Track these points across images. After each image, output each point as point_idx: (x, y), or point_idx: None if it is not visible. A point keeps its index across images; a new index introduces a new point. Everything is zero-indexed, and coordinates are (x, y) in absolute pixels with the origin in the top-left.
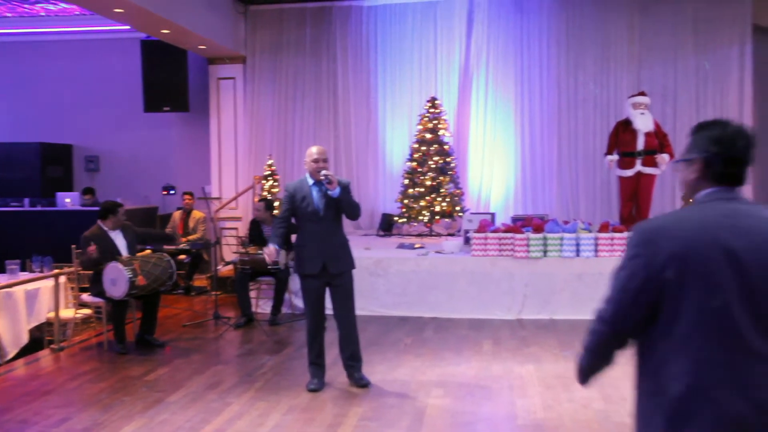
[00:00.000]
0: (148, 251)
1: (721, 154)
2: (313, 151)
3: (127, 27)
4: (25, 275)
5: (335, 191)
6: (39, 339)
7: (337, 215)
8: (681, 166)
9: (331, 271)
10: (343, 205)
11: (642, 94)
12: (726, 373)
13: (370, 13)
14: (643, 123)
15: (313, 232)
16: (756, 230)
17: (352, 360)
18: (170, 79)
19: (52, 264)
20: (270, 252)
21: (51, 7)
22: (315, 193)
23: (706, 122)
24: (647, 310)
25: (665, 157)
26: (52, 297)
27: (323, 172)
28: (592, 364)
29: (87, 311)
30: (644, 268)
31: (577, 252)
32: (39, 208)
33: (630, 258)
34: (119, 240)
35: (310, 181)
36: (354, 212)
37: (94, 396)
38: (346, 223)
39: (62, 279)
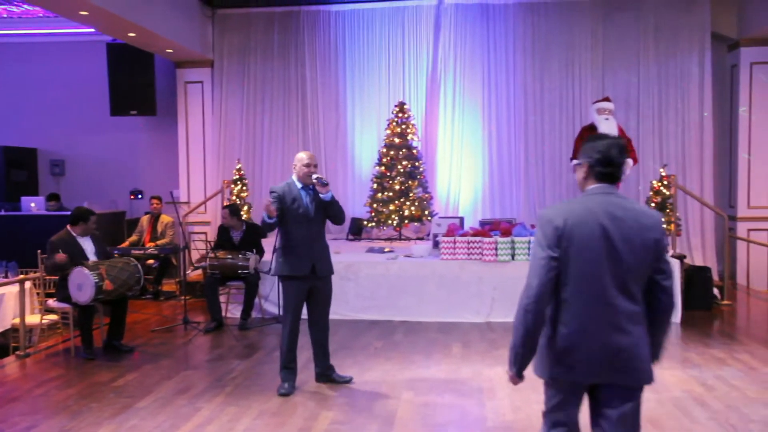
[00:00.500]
0: (116, 256)
1: (601, 160)
2: (304, 156)
3: (93, 30)
4: None
5: (327, 195)
6: (4, 345)
7: (324, 219)
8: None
9: (319, 274)
10: (334, 208)
11: (606, 99)
12: (596, 321)
13: (338, 17)
14: (608, 128)
15: (302, 234)
16: (623, 217)
17: (329, 363)
18: (137, 83)
19: (17, 269)
20: (268, 203)
21: (14, 9)
22: (305, 196)
23: (592, 136)
24: (555, 283)
25: (629, 161)
26: (17, 303)
27: (315, 175)
28: (531, 325)
29: (53, 317)
30: (553, 240)
31: None
32: (3, 213)
33: (543, 238)
34: (87, 245)
35: (299, 185)
36: (342, 216)
37: (62, 402)
38: None
39: (28, 284)
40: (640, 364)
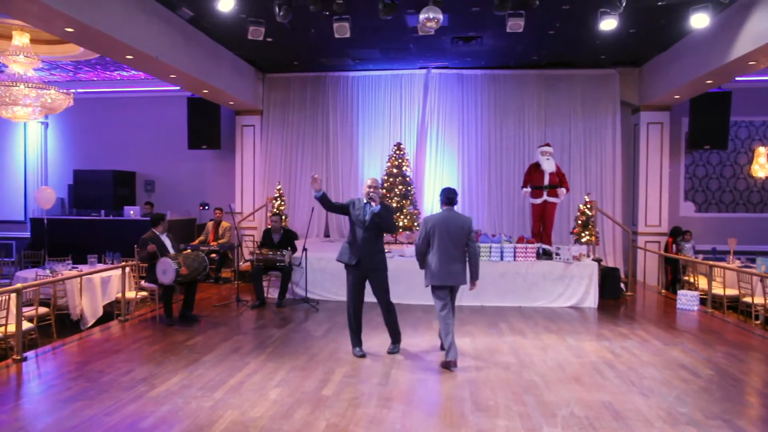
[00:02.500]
0: (188, 250)
1: (447, 195)
2: (368, 180)
3: (178, 87)
4: (101, 266)
5: (376, 208)
6: (110, 313)
7: (377, 227)
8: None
9: (364, 266)
10: (381, 218)
11: (547, 144)
12: (446, 261)
13: (354, 81)
14: (548, 165)
15: (358, 235)
16: (455, 219)
17: (391, 334)
18: (207, 126)
19: (120, 258)
20: (314, 178)
21: (125, 73)
22: (366, 209)
23: (445, 188)
24: (428, 242)
25: (563, 190)
26: (120, 282)
27: (371, 194)
28: (420, 261)
29: (144, 293)
30: (425, 230)
31: (501, 257)
32: (111, 218)
33: (422, 228)
34: (167, 242)
35: (364, 201)
36: (388, 225)
37: (150, 355)
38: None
39: (127, 269)
40: (462, 277)
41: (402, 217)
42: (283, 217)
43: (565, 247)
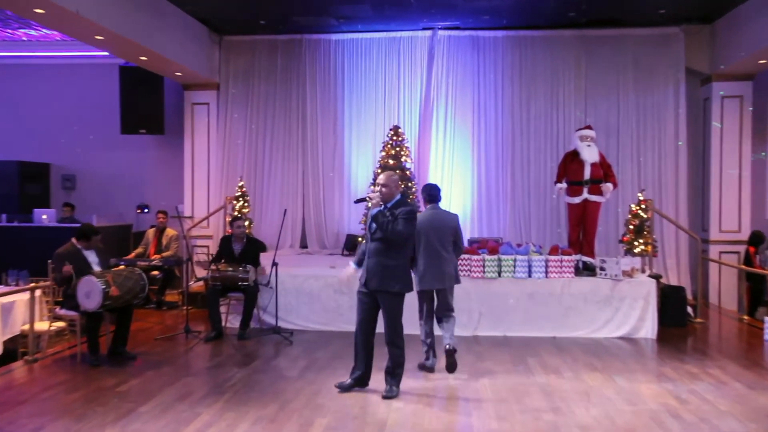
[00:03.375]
0: (122, 266)
1: (429, 192)
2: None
3: (107, 53)
4: (1, 288)
5: (373, 210)
6: (12, 351)
7: (381, 237)
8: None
9: (369, 287)
10: (377, 223)
11: (588, 127)
12: (434, 262)
13: (338, 46)
14: (590, 154)
15: (368, 249)
16: (439, 217)
17: (386, 372)
18: (146, 103)
19: (27, 278)
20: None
21: (33, 32)
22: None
23: (426, 184)
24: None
25: (609, 186)
26: (27, 310)
27: (370, 193)
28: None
29: (61, 324)
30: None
31: (529, 273)
32: (16, 224)
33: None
34: (92, 257)
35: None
36: (386, 231)
37: (67, 406)
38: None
39: (38, 292)
40: (453, 278)
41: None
42: (247, 223)
43: (613, 260)
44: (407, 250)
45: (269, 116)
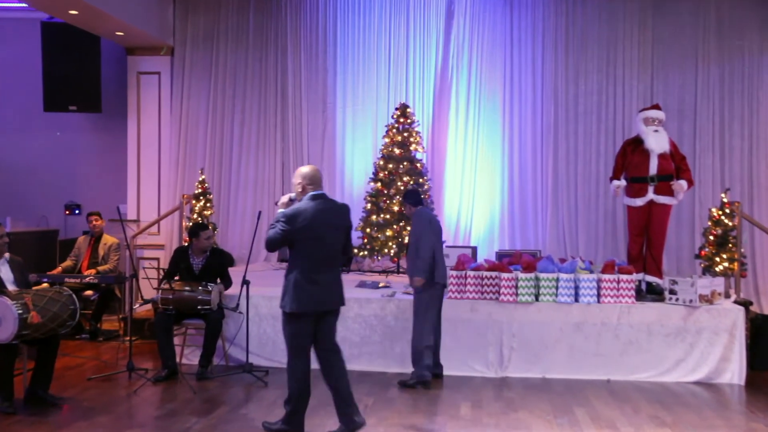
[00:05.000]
0: (45, 284)
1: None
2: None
3: (24, 5)
4: None
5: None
6: None
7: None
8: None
9: None
10: None
11: (656, 107)
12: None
13: (329, 1)
14: (657, 142)
15: None
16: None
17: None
18: (78, 72)
19: None
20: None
21: None
22: None
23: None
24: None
25: (683, 184)
26: None
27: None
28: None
29: None
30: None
31: (576, 297)
32: None
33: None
34: (4, 272)
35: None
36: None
37: None
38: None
39: None
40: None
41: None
42: (211, 229)
43: (687, 281)
44: (301, 260)
45: (239, 92)
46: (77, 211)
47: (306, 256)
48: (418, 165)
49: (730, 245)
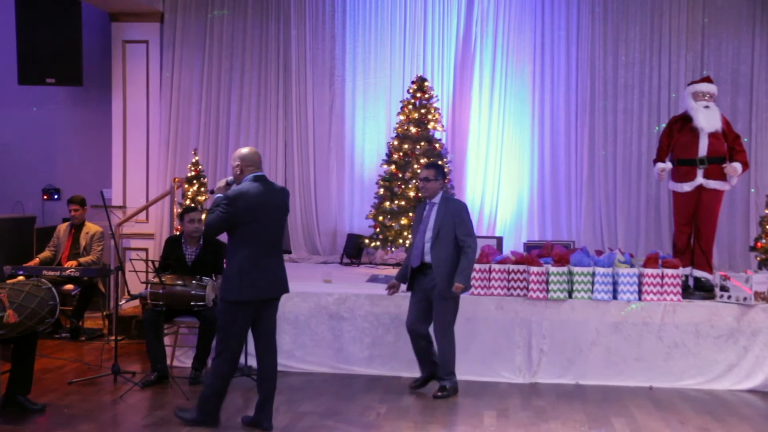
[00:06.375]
0: (21, 277)
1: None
2: None
3: None
4: None
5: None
6: None
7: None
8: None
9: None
10: None
11: (706, 80)
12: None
13: None
14: (707, 120)
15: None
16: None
17: None
18: (56, 40)
19: None
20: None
21: None
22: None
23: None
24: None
25: (736, 166)
26: None
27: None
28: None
29: None
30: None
31: (614, 293)
32: None
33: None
34: None
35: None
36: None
37: None
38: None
39: None
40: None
41: None
42: (204, 216)
43: (741, 276)
44: (244, 245)
45: (236, 64)
46: (56, 196)
47: (250, 241)
48: (437, 145)
49: None
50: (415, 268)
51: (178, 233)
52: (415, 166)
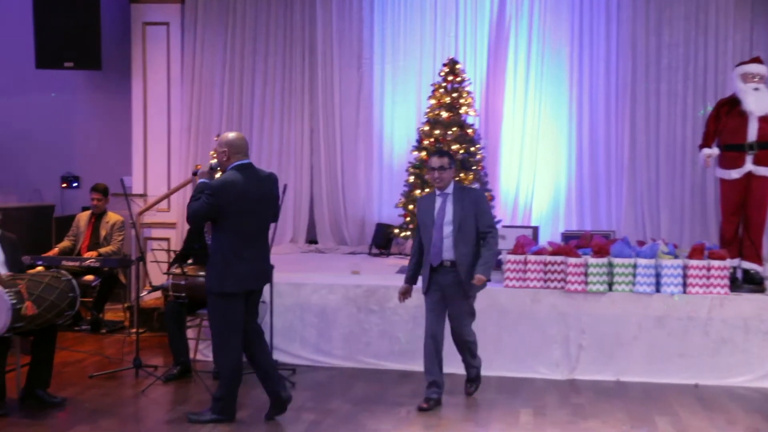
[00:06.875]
0: (40, 268)
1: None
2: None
3: None
4: None
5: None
6: None
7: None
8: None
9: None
10: None
11: (756, 61)
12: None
13: None
14: (757, 103)
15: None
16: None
17: None
18: (75, 23)
19: None
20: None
21: None
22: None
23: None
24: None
25: None
26: None
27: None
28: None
29: None
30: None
31: (657, 286)
32: None
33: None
34: None
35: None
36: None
37: None
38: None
39: None
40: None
41: None
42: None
43: None
44: (229, 235)
45: (260, 46)
46: (75, 184)
47: (235, 231)
48: (470, 131)
49: None
50: (434, 267)
51: None
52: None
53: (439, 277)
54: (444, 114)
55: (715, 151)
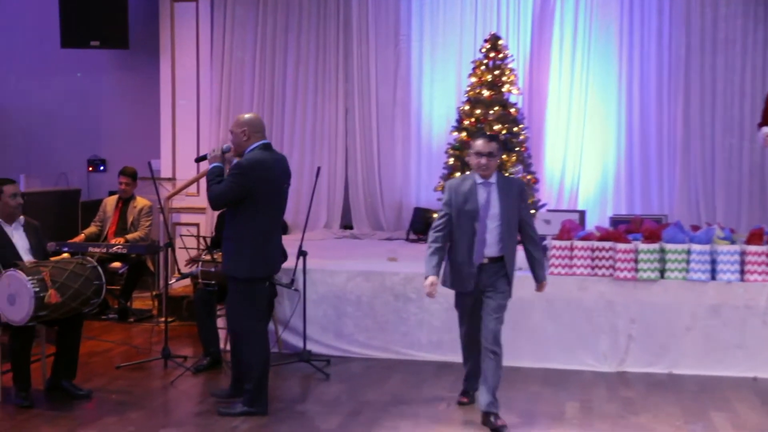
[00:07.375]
0: (66, 255)
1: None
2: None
3: None
4: None
5: (211, 166)
6: None
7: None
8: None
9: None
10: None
11: None
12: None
13: None
14: None
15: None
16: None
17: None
18: (101, 1)
19: None
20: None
21: None
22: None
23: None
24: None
25: None
26: None
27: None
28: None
29: None
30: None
31: (713, 273)
32: None
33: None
34: (19, 239)
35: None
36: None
37: None
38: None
39: None
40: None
41: None
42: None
43: None
44: (256, 218)
45: (292, 23)
46: (102, 168)
47: (263, 213)
48: (513, 110)
49: None
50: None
51: None
52: (488, 133)
53: (481, 275)
54: (485, 93)
55: None
